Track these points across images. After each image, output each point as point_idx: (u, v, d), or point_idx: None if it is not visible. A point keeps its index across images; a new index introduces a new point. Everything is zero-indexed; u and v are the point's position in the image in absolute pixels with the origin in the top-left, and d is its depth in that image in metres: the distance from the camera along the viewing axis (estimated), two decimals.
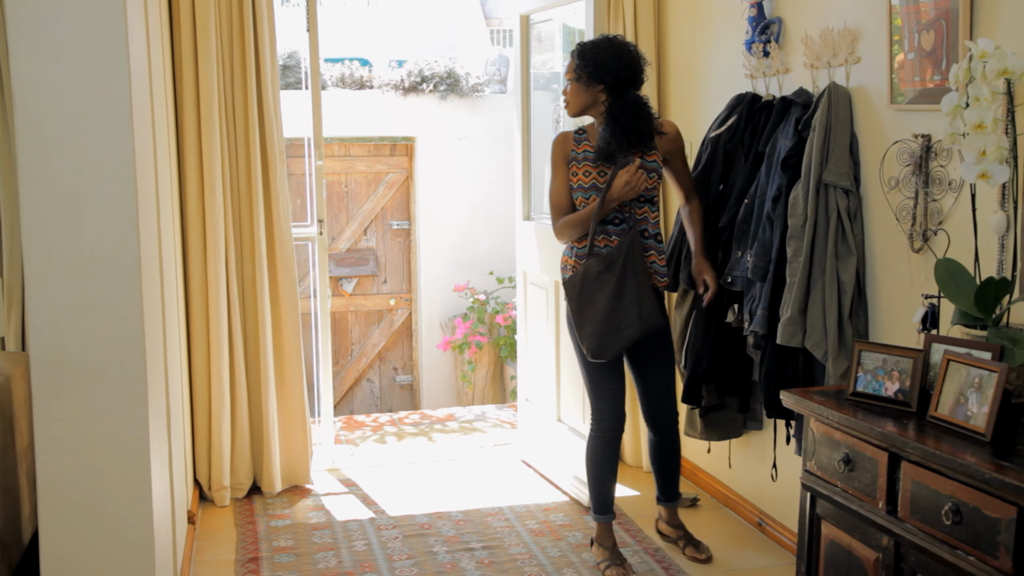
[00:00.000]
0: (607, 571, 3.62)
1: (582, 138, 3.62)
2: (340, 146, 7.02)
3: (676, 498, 3.87)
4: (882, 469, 2.31)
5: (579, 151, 3.59)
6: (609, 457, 3.68)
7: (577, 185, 3.57)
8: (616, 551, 3.69)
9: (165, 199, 3.53)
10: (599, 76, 3.47)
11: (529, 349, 4.99)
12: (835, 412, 2.46)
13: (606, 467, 3.69)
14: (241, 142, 4.34)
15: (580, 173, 3.57)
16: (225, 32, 4.26)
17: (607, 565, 3.64)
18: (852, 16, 3.30)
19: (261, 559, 3.78)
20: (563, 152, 3.61)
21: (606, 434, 3.65)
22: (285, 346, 4.47)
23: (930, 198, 2.98)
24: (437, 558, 3.79)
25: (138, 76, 2.67)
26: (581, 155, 3.58)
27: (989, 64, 2.35)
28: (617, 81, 3.47)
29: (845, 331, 3.27)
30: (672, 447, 3.80)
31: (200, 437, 4.35)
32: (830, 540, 2.52)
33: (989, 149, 2.39)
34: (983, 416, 2.19)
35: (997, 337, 2.39)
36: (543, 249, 4.70)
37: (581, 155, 3.58)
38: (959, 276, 2.57)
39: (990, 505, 1.98)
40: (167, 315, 3.37)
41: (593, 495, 3.72)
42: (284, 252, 4.45)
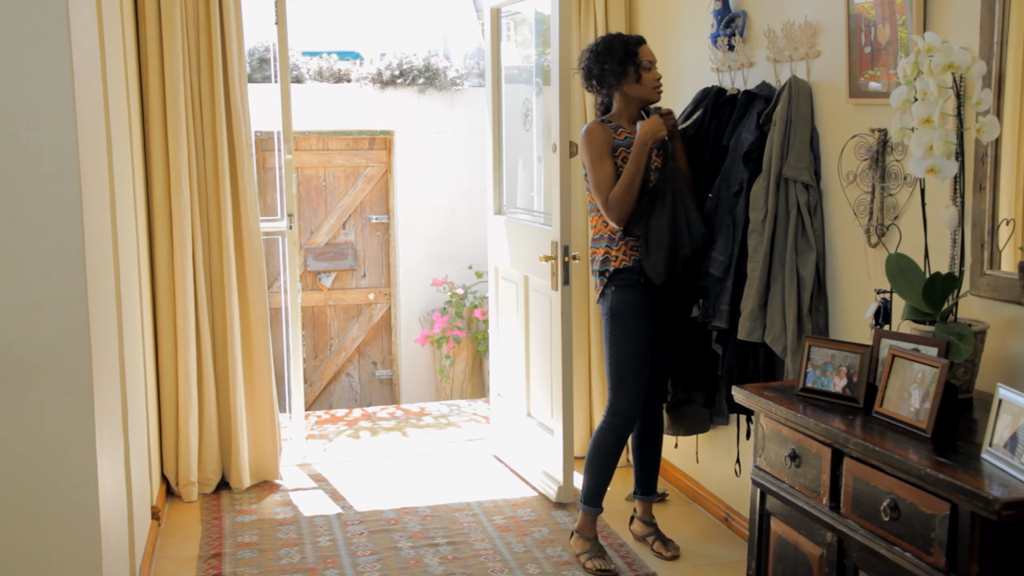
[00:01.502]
0: (588, 563, 3.61)
1: (615, 126, 3.64)
2: (318, 140, 6.99)
3: (653, 492, 3.87)
4: (826, 465, 2.30)
5: (620, 138, 3.62)
6: (616, 453, 3.68)
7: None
8: (597, 543, 3.69)
9: (124, 193, 3.51)
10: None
11: (501, 344, 4.97)
12: (782, 408, 2.45)
13: (611, 461, 3.68)
14: (208, 136, 4.32)
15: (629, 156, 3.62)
16: (191, 25, 4.23)
17: (588, 556, 3.63)
18: (812, 10, 3.29)
19: (224, 555, 3.77)
20: (607, 139, 3.61)
21: (620, 431, 3.64)
22: (253, 341, 4.45)
23: (886, 193, 2.96)
24: (401, 554, 3.78)
25: (85, 68, 2.65)
26: (624, 141, 3.61)
27: (935, 58, 2.33)
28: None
29: (805, 326, 3.26)
30: (658, 437, 3.82)
31: (167, 433, 4.33)
32: (779, 536, 2.51)
33: (936, 144, 2.38)
34: (925, 412, 2.18)
35: (943, 332, 2.38)
36: (513, 243, 4.69)
37: (624, 141, 3.61)
38: (909, 271, 2.56)
39: (926, 501, 1.97)
40: (126, 309, 3.35)
41: (588, 486, 3.71)
42: (252, 246, 4.42)
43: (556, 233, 4.09)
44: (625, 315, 3.58)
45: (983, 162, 2.54)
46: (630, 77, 3.58)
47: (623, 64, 3.57)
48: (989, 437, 1.98)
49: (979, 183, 2.55)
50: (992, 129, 2.34)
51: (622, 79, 3.58)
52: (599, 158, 3.59)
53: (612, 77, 3.59)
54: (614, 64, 3.57)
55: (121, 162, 3.47)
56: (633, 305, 3.57)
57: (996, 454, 1.95)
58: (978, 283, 2.57)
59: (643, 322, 3.58)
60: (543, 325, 4.37)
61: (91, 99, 2.76)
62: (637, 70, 3.57)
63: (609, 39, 3.63)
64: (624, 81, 3.59)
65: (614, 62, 3.57)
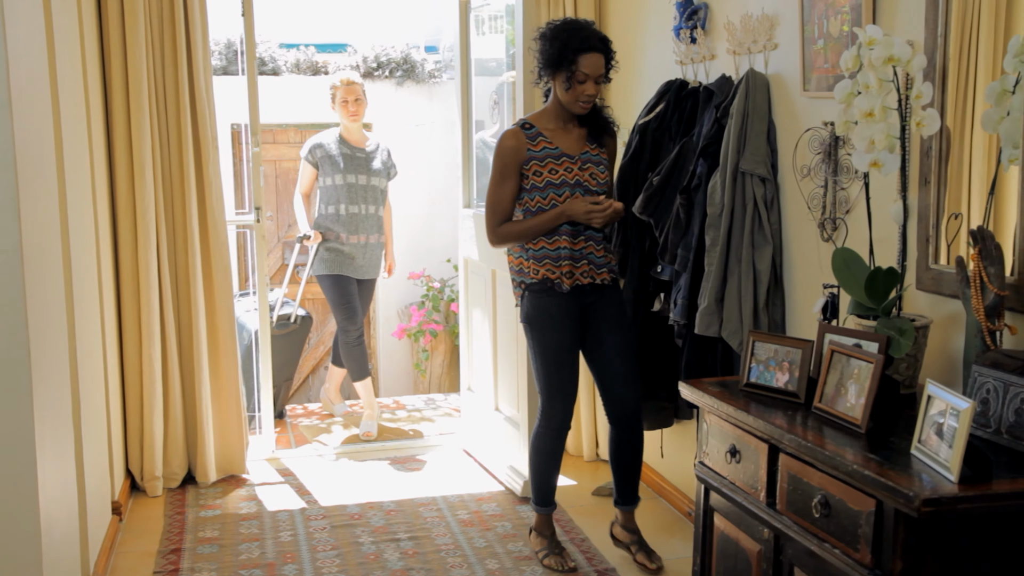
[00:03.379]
0: (545, 560, 3.59)
1: (534, 133, 3.45)
2: (296, 132, 6.97)
3: (634, 501, 3.67)
4: (763, 461, 2.28)
5: (537, 148, 3.42)
6: (556, 453, 3.60)
7: (545, 183, 3.42)
8: (555, 540, 3.65)
9: (79, 186, 3.49)
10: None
11: (471, 338, 4.96)
12: (723, 403, 2.43)
13: (551, 462, 3.61)
14: (173, 129, 4.29)
15: (545, 171, 3.42)
16: (156, 17, 4.21)
17: (545, 554, 3.61)
18: (769, 2, 3.26)
19: (183, 550, 3.75)
20: (517, 154, 3.42)
21: (556, 433, 3.57)
22: (220, 335, 4.43)
23: (839, 187, 2.95)
24: (361, 549, 3.77)
25: (25, 60, 2.62)
26: (542, 152, 3.42)
27: (875, 51, 2.31)
28: None
29: (761, 321, 3.24)
30: (635, 445, 3.60)
31: (132, 427, 4.31)
32: (721, 532, 2.50)
33: (878, 138, 2.36)
34: (860, 407, 2.16)
35: (885, 327, 2.36)
36: (481, 237, 4.67)
37: (542, 152, 3.42)
38: (855, 265, 2.54)
39: (854, 498, 1.95)
40: (80, 305, 3.33)
41: (535, 487, 3.65)
42: (219, 240, 4.40)
43: None
44: (541, 322, 3.47)
45: (928, 156, 2.51)
46: (560, 79, 3.36)
47: (557, 63, 3.34)
48: (918, 433, 1.97)
49: (924, 177, 2.53)
50: (932, 123, 2.32)
51: (553, 76, 3.39)
52: (500, 177, 3.45)
53: (546, 69, 3.39)
54: (551, 56, 3.35)
55: (76, 155, 3.45)
56: (548, 311, 3.46)
57: (924, 450, 1.93)
58: (923, 278, 2.56)
59: (561, 330, 3.46)
60: (510, 319, 4.35)
61: (33, 90, 2.73)
62: (570, 77, 3.33)
63: (559, 28, 3.37)
64: (555, 79, 3.39)
65: (552, 55, 3.35)
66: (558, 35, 3.35)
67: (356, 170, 5.10)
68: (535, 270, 3.47)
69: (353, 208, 5.10)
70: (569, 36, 3.32)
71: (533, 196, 3.44)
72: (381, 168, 5.17)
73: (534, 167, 3.42)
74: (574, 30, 3.36)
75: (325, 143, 5.16)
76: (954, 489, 1.79)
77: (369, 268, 5.20)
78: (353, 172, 5.09)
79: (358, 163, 5.11)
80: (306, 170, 5.20)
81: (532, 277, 3.48)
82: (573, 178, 3.42)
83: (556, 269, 3.44)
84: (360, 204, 5.11)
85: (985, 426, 2.04)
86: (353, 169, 5.09)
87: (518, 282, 3.55)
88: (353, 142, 5.15)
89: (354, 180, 5.09)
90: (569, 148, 3.46)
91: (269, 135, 6.91)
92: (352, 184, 5.09)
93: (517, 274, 3.55)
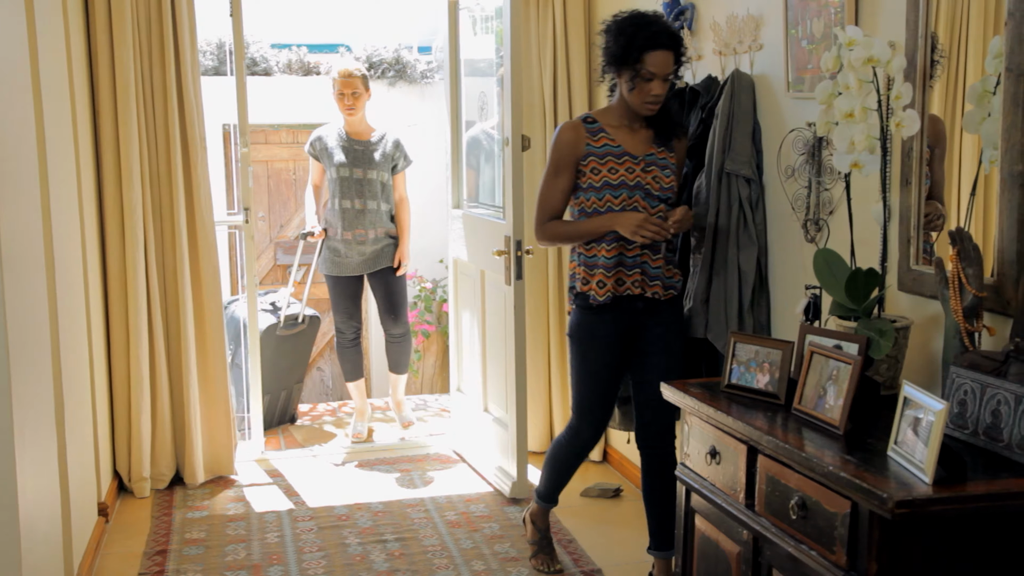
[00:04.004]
0: (533, 559, 3.58)
1: (596, 128, 3.18)
2: (288, 133, 6.96)
3: (670, 547, 3.26)
4: (742, 463, 2.28)
5: (598, 144, 3.16)
6: (573, 466, 3.48)
7: (602, 183, 3.14)
8: (547, 537, 3.61)
9: (63, 187, 3.48)
10: None
11: (461, 338, 4.95)
12: (704, 404, 2.42)
13: (565, 472, 3.50)
14: (161, 130, 4.29)
15: (604, 170, 3.14)
16: (143, 18, 4.20)
17: (535, 551, 3.59)
18: (755, 2, 3.26)
19: (169, 551, 3.75)
20: (575, 148, 3.17)
21: (579, 450, 3.42)
22: (208, 336, 4.43)
23: (822, 187, 2.94)
24: (348, 550, 3.76)
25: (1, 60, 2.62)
26: (603, 148, 3.15)
27: (855, 52, 2.31)
28: None
29: (746, 322, 3.24)
30: (665, 478, 3.19)
31: (120, 428, 4.30)
32: (702, 534, 2.49)
33: (858, 139, 2.36)
34: (838, 409, 2.16)
35: (865, 328, 2.36)
36: (470, 237, 4.66)
37: (603, 148, 3.15)
38: (836, 266, 2.54)
39: (830, 500, 1.95)
40: (64, 306, 3.32)
41: (543, 482, 3.55)
42: (207, 241, 4.40)
43: (509, 227, 4.07)
44: (582, 336, 3.25)
45: (909, 157, 2.51)
46: (624, 77, 3.08)
47: (621, 60, 3.06)
48: (894, 435, 1.96)
49: (905, 178, 2.53)
50: (912, 123, 2.32)
51: (618, 73, 3.11)
52: (554, 170, 3.22)
53: (609, 66, 3.12)
54: (615, 53, 3.07)
55: (60, 156, 3.44)
56: (591, 328, 3.22)
57: (900, 452, 1.93)
58: (905, 279, 2.55)
59: (603, 349, 3.22)
60: (498, 320, 4.34)
61: (11, 90, 2.72)
62: (634, 76, 3.04)
63: (626, 22, 3.06)
64: (620, 76, 3.11)
65: (616, 51, 3.06)
66: (623, 30, 3.05)
67: (353, 163, 4.90)
68: (584, 279, 3.22)
69: (346, 203, 4.91)
70: (635, 31, 3.02)
71: (588, 196, 3.17)
72: (381, 160, 4.93)
73: (592, 164, 3.15)
74: (641, 25, 3.04)
75: (324, 135, 5.02)
76: (928, 491, 1.78)
77: (371, 262, 4.96)
78: (349, 165, 4.90)
79: (356, 156, 4.91)
80: (312, 163, 5.09)
81: (581, 288, 3.23)
82: (634, 180, 3.13)
83: (606, 280, 3.16)
84: (355, 199, 4.91)
85: (962, 427, 2.04)
86: (350, 162, 4.90)
87: (569, 287, 3.33)
88: (353, 134, 4.96)
89: (348, 174, 4.90)
90: (633, 148, 3.16)
91: (261, 135, 6.90)
92: (346, 178, 4.90)
93: (570, 279, 3.33)
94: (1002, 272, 2.20)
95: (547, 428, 4.80)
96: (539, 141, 4.59)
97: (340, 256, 4.96)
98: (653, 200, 3.15)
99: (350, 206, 4.91)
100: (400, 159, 5.01)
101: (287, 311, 5.33)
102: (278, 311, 5.30)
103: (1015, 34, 2.12)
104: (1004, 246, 2.20)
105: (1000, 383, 1.96)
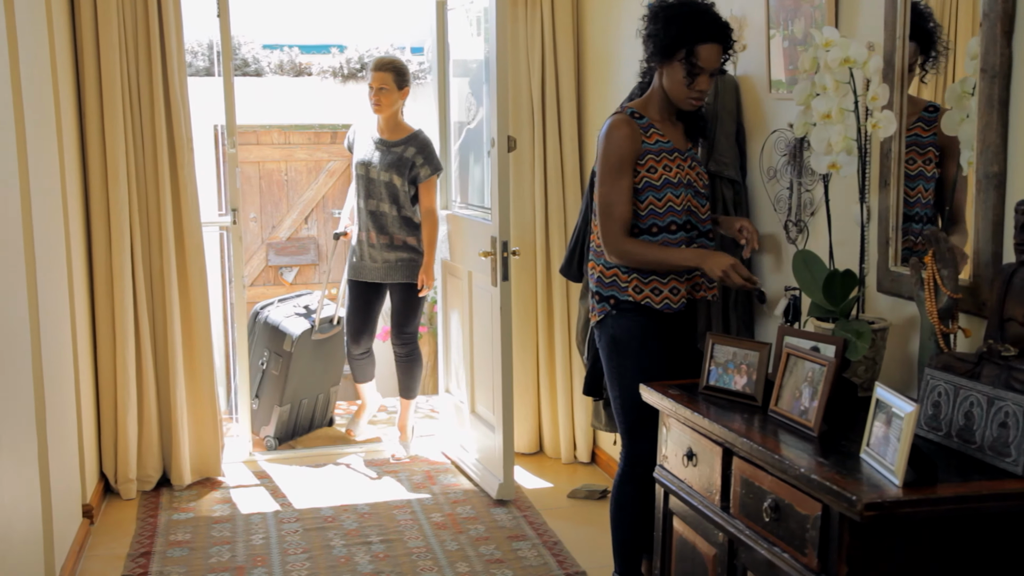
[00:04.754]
0: None
1: (645, 123, 2.91)
2: (280, 134, 6.95)
3: None
4: (717, 465, 2.27)
5: (650, 140, 2.89)
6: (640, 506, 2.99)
7: (662, 181, 2.88)
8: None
9: (46, 187, 3.47)
10: None
11: (450, 340, 4.95)
12: (681, 406, 2.42)
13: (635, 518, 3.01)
14: (147, 130, 4.28)
15: (660, 168, 2.88)
16: (129, 18, 4.19)
17: None
18: (739, 3, 3.26)
19: (154, 553, 3.74)
20: (633, 145, 2.87)
21: (640, 480, 2.97)
22: (195, 337, 4.42)
23: (804, 188, 2.94)
24: (332, 552, 3.75)
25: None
26: (656, 145, 2.89)
27: (831, 52, 2.30)
28: None
29: (731, 323, 3.23)
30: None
31: (106, 430, 4.30)
32: (680, 536, 2.49)
33: (835, 140, 2.35)
34: (813, 410, 2.15)
35: (842, 330, 2.35)
36: (457, 238, 4.66)
37: (656, 145, 2.89)
38: (815, 267, 2.53)
39: (802, 502, 1.94)
40: (46, 307, 3.32)
41: (615, 549, 3.12)
42: (194, 242, 4.39)
43: (495, 228, 4.07)
44: (629, 343, 2.93)
45: (887, 158, 2.50)
46: (672, 69, 2.83)
47: (671, 51, 2.81)
48: (867, 437, 1.95)
49: (884, 179, 2.52)
50: (889, 124, 2.31)
51: (663, 63, 2.86)
52: (615, 172, 2.87)
53: (656, 55, 2.86)
54: (663, 42, 2.81)
55: (43, 158, 3.43)
56: (639, 333, 2.93)
57: (872, 454, 1.92)
58: (884, 280, 2.55)
59: (653, 353, 2.93)
60: (485, 321, 4.34)
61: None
62: (688, 69, 2.79)
63: (677, 8, 2.82)
64: (665, 67, 2.86)
65: (665, 41, 2.81)
66: (674, 18, 2.81)
67: (367, 162, 4.69)
68: (638, 288, 2.91)
69: (361, 202, 4.71)
70: (687, 20, 2.79)
71: (646, 196, 2.89)
72: (396, 163, 4.62)
73: (649, 162, 2.88)
74: (695, 14, 2.81)
75: (358, 129, 4.83)
76: (898, 493, 1.77)
77: (383, 272, 4.71)
78: (364, 163, 4.70)
79: (378, 154, 4.68)
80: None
81: (634, 297, 2.91)
82: (687, 177, 2.92)
83: (662, 287, 2.91)
84: (367, 198, 4.69)
85: (936, 429, 2.03)
86: (364, 160, 4.70)
87: (606, 296, 2.97)
88: (380, 131, 4.74)
89: (363, 172, 4.70)
90: (678, 143, 2.95)
91: (252, 136, 6.89)
92: (361, 176, 4.71)
93: (606, 287, 2.96)
94: (978, 274, 2.20)
95: (535, 430, 4.79)
96: (526, 142, 4.58)
97: (356, 258, 4.82)
98: (701, 198, 2.94)
99: (363, 206, 4.72)
100: (421, 167, 4.64)
101: (321, 314, 5.15)
102: (312, 315, 5.15)
103: (989, 35, 2.11)
104: (980, 247, 2.19)
105: (973, 385, 1.95)
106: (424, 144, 4.68)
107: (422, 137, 4.71)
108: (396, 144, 4.68)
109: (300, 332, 4.98)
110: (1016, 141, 2.11)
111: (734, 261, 2.75)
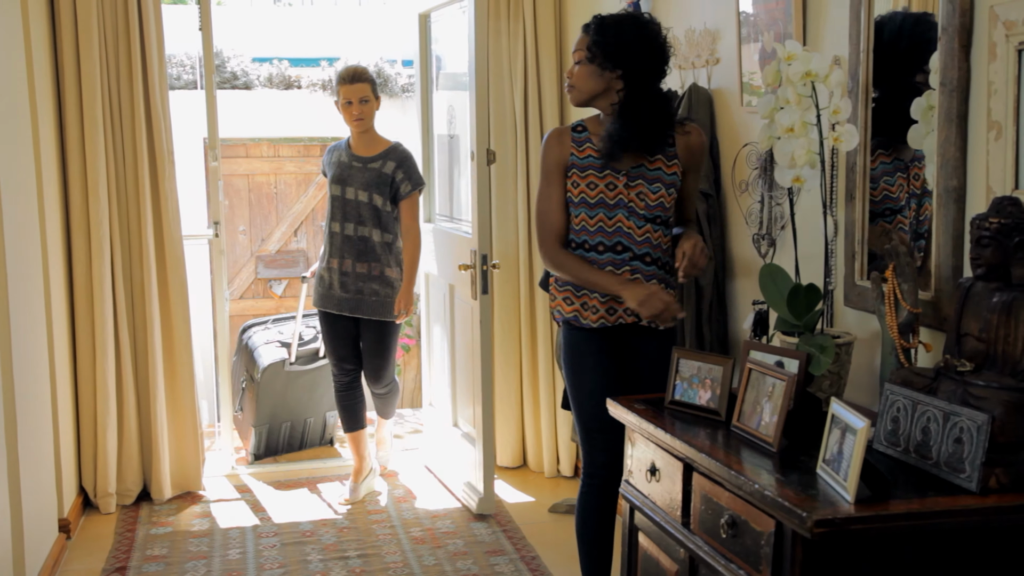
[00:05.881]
0: None
1: (583, 137, 2.86)
2: (269, 147, 6.95)
3: None
4: (678, 480, 2.26)
5: (581, 155, 2.84)
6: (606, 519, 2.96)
7: (580, 199, 2.82)
8: None
9: (21, 200, 3.47)
10: (619, 59, 2.75)
11: (432, 353, 4.94)
12: (644, 421, 2.40)
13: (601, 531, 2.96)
14: (128, 143, 4.28)
15: (583, 184, 2.81)
16: (110, 32, 4.20)
17: None
18: (711, 17, 3.26)
19: (129, 568, 3.72)
20: (560, 157, 2.85)
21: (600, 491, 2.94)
22: (176, 350, 4.41)
23: (774, 202, 2.93)
24: (309, 567, 3.73)
25: None
26: (585, 160, 2.83)
27: (794, 66, 2.30)
28: (640, 68, 2.76)
29: (704, 337, 3.22)
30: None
31: (86, 444, 4.28)
32: (644, 552, 2.47)
33: (798, 153, 2.35)
34: (773, 426, 2.14)
35: (806, 344, 2.34)
36: (439, 251, 4.65)
37: (585, 160, 2.83)
38: (781, 281, 2.52)
39: (757, 518, 1.93)
40: (19, 321, 3.31)
41: (581, 567, 3.04)
42: (174, 255, 4.38)
43: (475, 242, 4.06)
44: (568, 356, 2.94)
45: (853, 171, 2.50)
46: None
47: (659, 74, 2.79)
48: (823, 453, 1.94)
49: (850, 193, 2.51)
50: (851, 138, 2.31)
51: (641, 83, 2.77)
52: (545, 181, 2.88)
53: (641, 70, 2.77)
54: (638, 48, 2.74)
55: (17, 171, 3.43)
56: (572, 347, 2.93)
57: (827, 469, 1.91)
58: (850, 294, 2.54)
59: (588, 369, 2.90)
60: (467, 335, 4.33)
61: None
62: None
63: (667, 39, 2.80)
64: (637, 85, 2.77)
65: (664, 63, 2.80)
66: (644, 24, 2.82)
67: (346, 181, 4.27)
68: (567, 299, 2.91)
69: (334, 225, 4.29)
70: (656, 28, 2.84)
71: (577, 212, 2.85)
72: (374, 181, 4.23)
73: (574, 177, 2.83)
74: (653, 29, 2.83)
75: (332, 149, 4.45)
76: (849, 510, 1.76)
77: (354, 303, 4.27)
78: (340, 183, 4.28)
79: (352, 173, 4.27)
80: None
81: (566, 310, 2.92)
82: (614, 197, 2.80)
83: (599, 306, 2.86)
84: (343, 221, 4.27)
85: (895, 445, 2.02)
86: (343, 179, 4.28)
87: (553, 309, 3.01)
88: (355, 148, 4.34)
89: (338, 192, 4.29)
90: (619, 161, 2.79)
91: (242, 149, 6.90)
92: (336, 197, 4.30)
93: (552, 300, 2.99)
94: (939, 288, 2.19)
95: (519, 444, 4.77)
96: (509, 154, 4.58)
97: (324, 285, 4.34)
98: (638, 219, 2.80)
99: (339, 231, 4.29)
100: (402, 182, 4.27)
101: (302, 346, 5.00)
102: (287, 346, 5.01)
103: (948, 49, 2.11)
104: (941, 261, 2.18)
105: (930, 400, 1.94)
106: (404, 157, 4.32)
107: (401, 150, 4.36)
108: (373, 160, 4.29)
109: (269, 363, 4.85)
110: (975, 155, 2.10)
111: (651, 291, 2.70)
